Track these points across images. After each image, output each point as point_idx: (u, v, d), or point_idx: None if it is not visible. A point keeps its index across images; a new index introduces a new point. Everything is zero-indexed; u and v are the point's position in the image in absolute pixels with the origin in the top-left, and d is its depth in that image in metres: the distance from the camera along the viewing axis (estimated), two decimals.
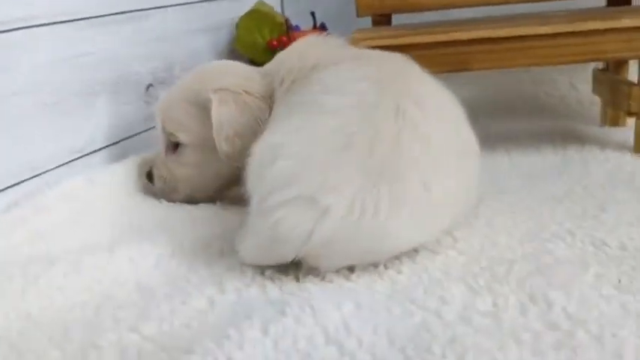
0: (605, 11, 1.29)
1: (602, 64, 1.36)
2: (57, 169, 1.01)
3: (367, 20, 1.40)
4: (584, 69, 1.45)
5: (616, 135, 1.27)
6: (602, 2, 1.42)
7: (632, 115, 1.15)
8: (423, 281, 0.72)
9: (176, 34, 1.32)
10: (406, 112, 0.76)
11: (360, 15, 1.36)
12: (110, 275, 0.78)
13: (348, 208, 0.70)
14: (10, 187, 0.93)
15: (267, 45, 1.41)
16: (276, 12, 1.44)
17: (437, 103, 0.83)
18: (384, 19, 1.36)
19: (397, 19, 1.40)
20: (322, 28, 1.52)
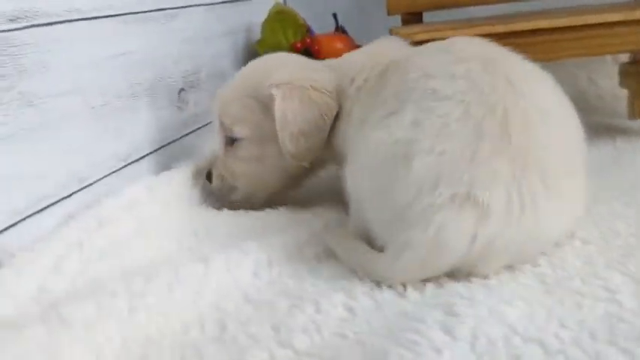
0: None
1: (628, 57, 1.37)
2: (105, 178, 0.91)
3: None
4: (603, 63, 1.46)
5: None
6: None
7: None
8: (570, 272, 0.67)
9: (200, 35, 1.24)
10: (522, 88, 0.71)
11: (390, 13, 1.32)
12: (210, 286, 0.70)
13: (507, 203, 0.64)
14: (61, 199, 0.82)
15: (291, 47, 1.34)
16: (297, 13, 1.38)
17: (541, 77, 0.78)
18: (414, 18, 1.32)
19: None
20: (343, 30, 1.47)
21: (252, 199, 0.95)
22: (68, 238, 0.75)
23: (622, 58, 1.39)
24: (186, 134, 1.15)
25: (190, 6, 1.20)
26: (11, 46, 0.73)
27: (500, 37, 0.89)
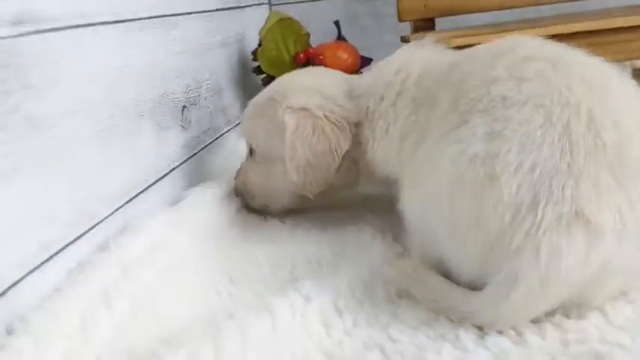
0: None
1: None
2: (114, 213, 0.76)
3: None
4: (622, 67, 1.41)
5: None
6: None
7: None
8: None
9: (197, 47, 1.11)
10: (598, 85, 0.61)
11: (401, 20, 1.23)
12: (284, 346, 0.57)
13: (619, 217, 0.55)
14: (72, 242, 0.68)
15: (294, 58, 1.23)
16: (299, 22, 1.27)
17: (610, 71, 0.69)
18: (426, 24, 1.24)
19: None
20: (343, 39, 1.37)
21: (269, 208, 0.93)
22: (90, 292, 0.61)
23: (638, 63, 1.34)
24: (191, 157, 1.02)
25: (191, 13, 1.07)
26: (15, 55, 0.59)
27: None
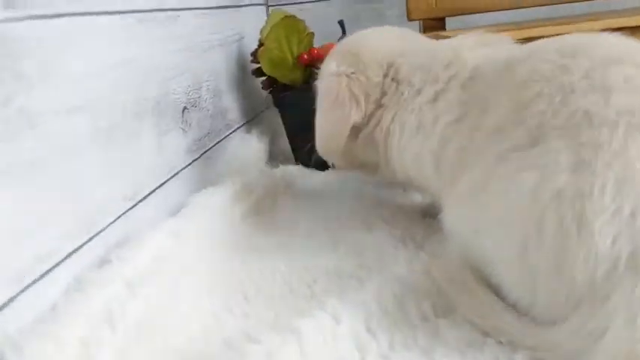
0: None
1: None
2: (112, 225, 0.69)
3: None
4: None
5: None
6: None
7: None
8: None
9: (197, 44, 1.04)
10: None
11: (410, 19, 1.17)
12: (330, 345, 0.52)
13: None
14: (70, 254, 0.60)
15: (298, 60, 1.16)
16: (303, 21, 1.20)
17: None
18: (437, 24, 1.18)
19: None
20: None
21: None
22: (93, 314, 0.54)
23: None
24: (192, 162, 0.94)
25: (192, 8, 1.00)
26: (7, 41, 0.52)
27: None
